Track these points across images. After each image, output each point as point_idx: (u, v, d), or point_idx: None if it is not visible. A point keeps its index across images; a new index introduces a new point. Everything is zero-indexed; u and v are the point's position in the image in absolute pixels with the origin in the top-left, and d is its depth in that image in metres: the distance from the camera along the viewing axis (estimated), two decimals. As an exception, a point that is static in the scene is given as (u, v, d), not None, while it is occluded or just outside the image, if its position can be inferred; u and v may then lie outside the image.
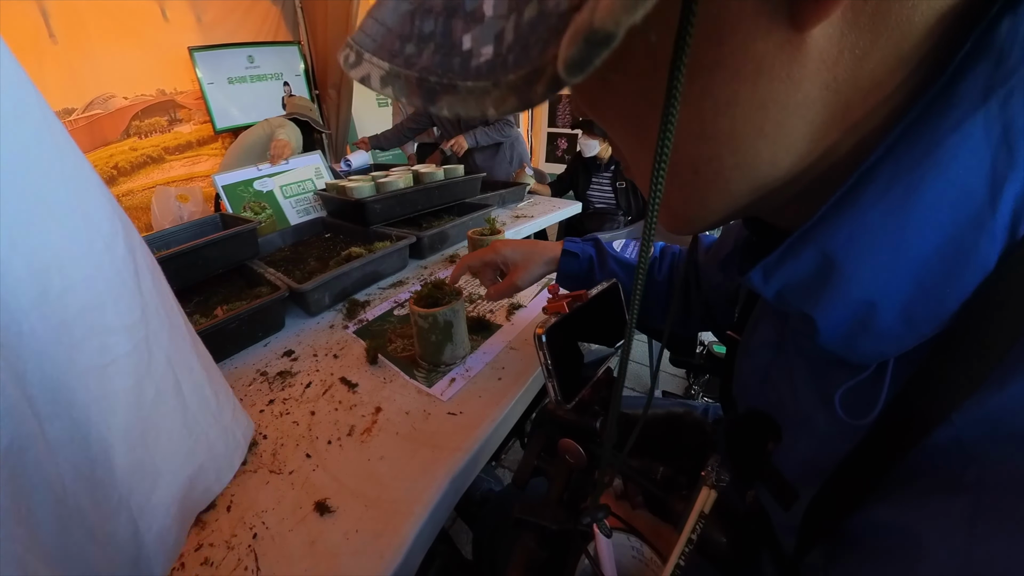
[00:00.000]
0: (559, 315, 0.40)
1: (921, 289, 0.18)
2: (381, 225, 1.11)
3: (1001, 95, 0.16)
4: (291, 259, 1.04)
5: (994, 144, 0.16)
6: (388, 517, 0.45)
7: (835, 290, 0.20)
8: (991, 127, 0.16)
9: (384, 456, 0.52)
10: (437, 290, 0.65)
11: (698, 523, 0.30)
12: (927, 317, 0.18)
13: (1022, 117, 0.16)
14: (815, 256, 0.20)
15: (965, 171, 0.16)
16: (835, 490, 0.24)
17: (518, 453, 1.40)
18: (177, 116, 2.64)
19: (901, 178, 0.17)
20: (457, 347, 0.67)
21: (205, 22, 2.58)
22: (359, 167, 1.74)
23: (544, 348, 0.37)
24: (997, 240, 0.17)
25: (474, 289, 0.91)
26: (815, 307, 0.21)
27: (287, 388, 0.65)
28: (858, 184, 0.18)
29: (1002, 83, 0.16)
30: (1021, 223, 0.17)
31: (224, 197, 1.20)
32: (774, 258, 0.21)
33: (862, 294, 0.19)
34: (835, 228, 0.19)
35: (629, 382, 1.80)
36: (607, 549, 0.35)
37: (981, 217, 0.17)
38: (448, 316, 0.63)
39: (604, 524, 0.33)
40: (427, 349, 0.66)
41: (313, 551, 0.42)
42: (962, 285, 0.18)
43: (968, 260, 0.17)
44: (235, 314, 0.69)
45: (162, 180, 2.58)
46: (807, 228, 0.20)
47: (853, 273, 0.19)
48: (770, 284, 0.22)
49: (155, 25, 2.41)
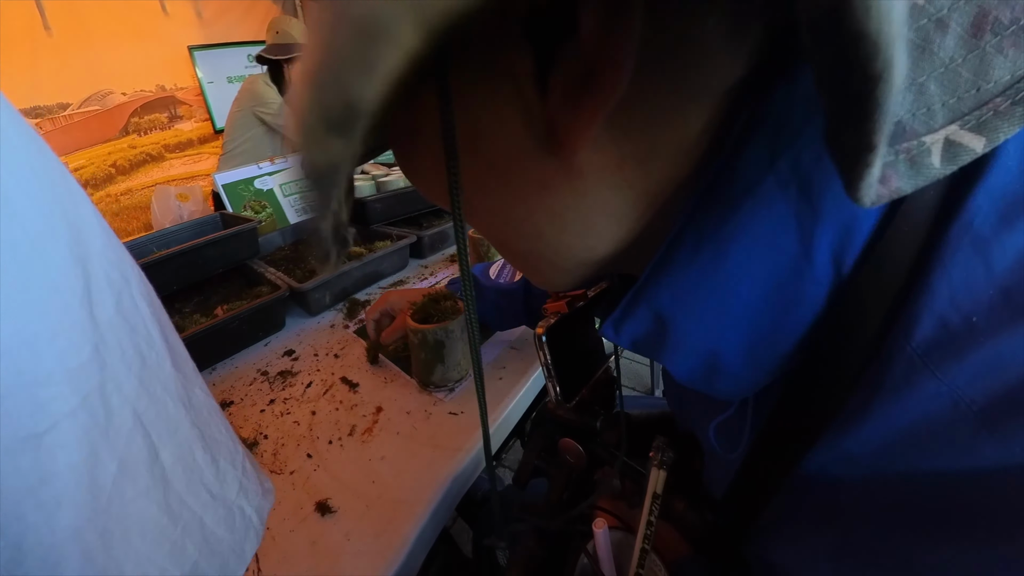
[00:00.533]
0: (559, 315, 0.40)
1: (758, 333, 0.19)
2: (381, 224, 1.11)
3: (789, 157, 0.16)
4: (291, 258, 1.04)
5: (794, 202, 0.16)
6: (389, 517, 0.45)
7: (674, 342, 0.21)
8: (786, 187, 0.16)
9: (385, 456, 0.52)
10: (434, 304, 0.60)
11: (654, 504, 0.30)
12: (770, 357, 0.19)
13: (817, 174, 0.16)
14: (648, 314, 0.21)
15: (768, 228, 0.17)
16: (727, 519, 0.26)
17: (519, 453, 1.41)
18: (177, 113, 2.63)
19: (707, 240, 0.18)
20: (449, 369, 0.60)
21: (205, 18, 2.56)
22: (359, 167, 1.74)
23: (544, 348, 0.37)
24: (821, 283, 0.17)
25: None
26: (663, 358, 0.22)
27: (288, 388, 0.65)
28: (668, 250, 0.19)
29: (787, 146, 0.16)
30: (844, 262, 0.17)
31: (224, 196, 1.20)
32: (618, 314, 0.22)
33: (700, 344, 0.20)
34: (658, 289, 0.20)
35: (630, 381, 1.80)
36: (606, 548, 0.35)
37: (798, 267, 0.17)
38: (439, 336, 0.57)
39: (503, 553, 0.34)
40: (417, 366, 0.62)
41: (314, 551, 0.42)
42: (795, 325, 0.18)
43: (796, 303, 0.18)
44: (235, 314, 0.69)
45: (162, 179, 2.57)
46: (636, 289, 0.21)
47: (685, 326, 0.20)
48: (621, 338, 0.23)
49: (155, 19, 2.39)
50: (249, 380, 0.67)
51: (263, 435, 0.56)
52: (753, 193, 0.17)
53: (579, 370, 0.41)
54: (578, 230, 0.20)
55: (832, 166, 0.12)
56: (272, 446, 0.54)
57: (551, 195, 0.18)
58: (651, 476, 0.31)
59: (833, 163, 0.12)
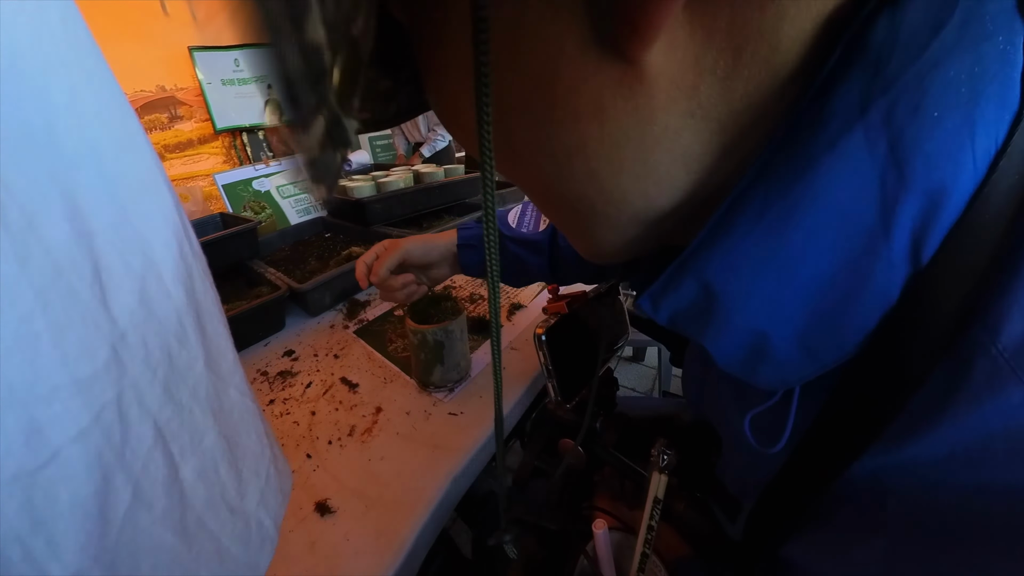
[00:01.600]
0: (559, 315, 0.40)
1: (817, 318, 0.17)
2: (381, 225, 1.11)
3: (883, 106, 0.14)
4: (291, 259, 1.04)
5: (880, 163, 0.14)
6: (389, 517, 0.45)
7: (720, 320, 0.18)
8: (875, 144, 0.14)
9: (385, 456, 0.52)
10: (434, 304, 0.59)
11: (654, 509, 0.29)
12: (827, 347, 0.17)
13: (911, 129, 0.14)
14: (695, 286, 0.18)
15: (847, 194, 0.15)
16: (765, 513, 0.23)
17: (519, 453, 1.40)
18: (178, 113, 2.63)
19: (773, 204, 0.16)
20: (448, 370, 0.59)
21: (202, 19, 2.57)
22: (359, 167, 1.74)
23: (544, 348, 0.37)
24: (897, 269, 0.15)
25: (475, 289, 0.91)
26: (704, 336, 0.20)
27: (287, 388, 0.65)
28: (729, 212, 0.17)
29: (882, 92, 0.13)
30: (923, 249, 0.15)
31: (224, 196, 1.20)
32: (658, 287, 0.20)
33: (750, 323, 0.18)
34: (711, 257, 0.17)
35: (633, 383, 1.81)
36: (606, 549, 0.35)
37: (873, 244, 0.15)
38: (439, 336, 0.56)
39: (511, 547, 0.33)
40: (417, 366, 0.61)
41: (313, 551, 0.42)
42: (862, 316, 0.16)
43: (864, 289, 0.16)
44: (235, 314, 0.69)
45: (162, 179, 2.58)
46: (684, 257, 0.18)
47: (736, 303, 0.18)
48: (659, 313, 0.20)
49: (155, 20, 2.40)
50: (249, 380, 0.67)
51: (263, 435, 0.56)
52: (835, 147, 0.14)
53: (579, 370, 0.41)
54: (638, 172, 0.17)
55: (931, 119, 0.10)
56: (272, 446, 0.54)
57: (609, 119, 0.15)
58: (652, 480, 0.30)
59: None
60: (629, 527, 0.39)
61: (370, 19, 0.14)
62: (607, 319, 0.46)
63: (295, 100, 0.12)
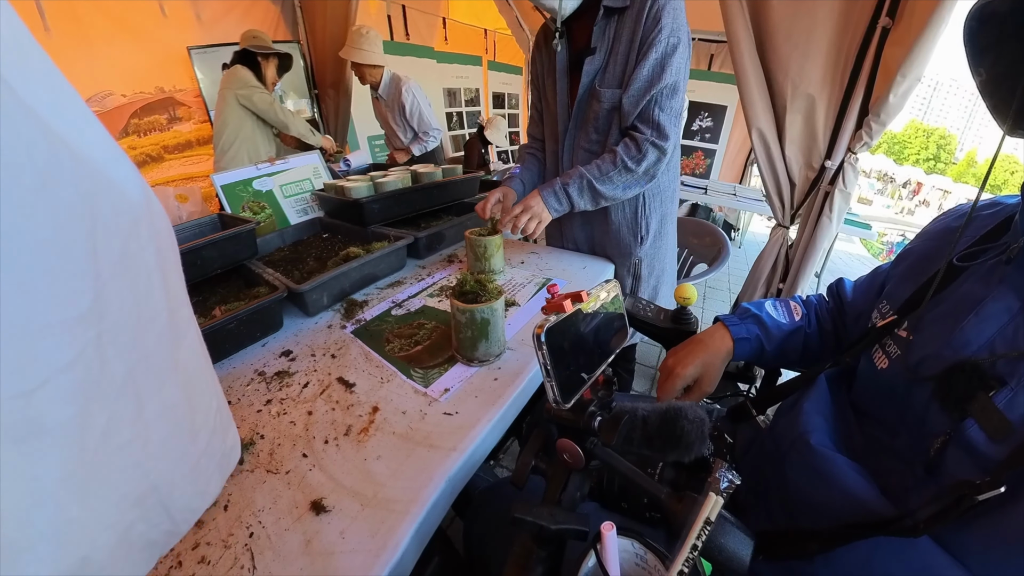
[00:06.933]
0: (558, 315, 0.40)
1: None
2: (379, 225, 1.11)
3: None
4: (290, 259, 1.04)
5: None
6: (384, 516, 0.45)
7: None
8: None
9: (381, 456, 0.52)
10: (480, 286, 0.67)
11: (703, 530, 0.29)
12: None
13: None
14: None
15: None
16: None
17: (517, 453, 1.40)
18: (176, 114, 2.64)
19: None
20: (492, 345, 0.68)
21: (204, 20, 2.58)
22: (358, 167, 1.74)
23: (543, 348, 0.37)
24: None
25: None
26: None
27: (284, 388, 0.65)
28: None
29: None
30: None
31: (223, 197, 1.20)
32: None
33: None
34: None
35: (641, 385, 1.81)
36: (612, 551, 0.35)
37: None
38: (486, 314, 0.65)
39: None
40: (462, 343, 0.68)
41: (309, 550, 0.42)
42: None
43: None
44: (233, 314, 0.69)
45: (161, 180, 2.57)
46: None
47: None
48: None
49: (154, 21, 2.40)
50: (246, 380, 0.67)
51: (259, 435, 0.56)
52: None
53: (577, 370, 0.41)
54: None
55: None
56: (268, 446, 0.54)
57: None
58: (707, 501, 0.29)
59: None
60: (635, 531, 0.39)
61: None
62: (607, 320, 0.46)
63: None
